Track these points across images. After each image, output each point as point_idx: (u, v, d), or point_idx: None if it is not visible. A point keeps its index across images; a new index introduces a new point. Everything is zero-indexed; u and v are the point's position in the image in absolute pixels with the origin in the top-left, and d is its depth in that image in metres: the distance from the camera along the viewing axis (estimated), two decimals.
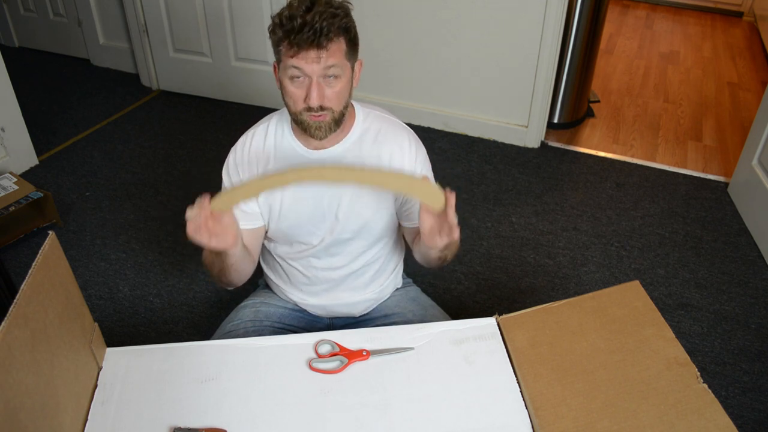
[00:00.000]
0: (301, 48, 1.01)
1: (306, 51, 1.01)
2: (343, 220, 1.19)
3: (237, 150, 1.20)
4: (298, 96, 1.06)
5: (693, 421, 0.87)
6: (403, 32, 2.75)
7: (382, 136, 1.18)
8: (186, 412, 0.92)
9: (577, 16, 2.68)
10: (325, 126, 1.08)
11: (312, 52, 1.01)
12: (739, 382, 1.70)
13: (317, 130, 1.08)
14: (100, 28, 3.41)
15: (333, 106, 1.07)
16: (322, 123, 1.08)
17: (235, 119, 2.99)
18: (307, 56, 1.01)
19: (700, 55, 3.83)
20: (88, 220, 2.31)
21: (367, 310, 1.35)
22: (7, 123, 2.51)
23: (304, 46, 1.00)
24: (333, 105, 1.07)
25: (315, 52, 1.01)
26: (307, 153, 1.16)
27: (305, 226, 1.20)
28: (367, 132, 1.18)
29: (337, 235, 1.21)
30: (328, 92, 1.05)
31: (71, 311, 0.92)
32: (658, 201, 2.45)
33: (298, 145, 1.17)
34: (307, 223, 1.20)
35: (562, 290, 2.00)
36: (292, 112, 1.09)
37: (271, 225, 1.22)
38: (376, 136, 1.18)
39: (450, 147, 2.79)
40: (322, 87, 1.04)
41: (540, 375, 0.97)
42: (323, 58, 1.02)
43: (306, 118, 1.07)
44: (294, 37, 1.00)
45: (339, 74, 1.05)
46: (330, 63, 1.03)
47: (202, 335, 1.81)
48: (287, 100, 1.09)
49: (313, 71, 1.03)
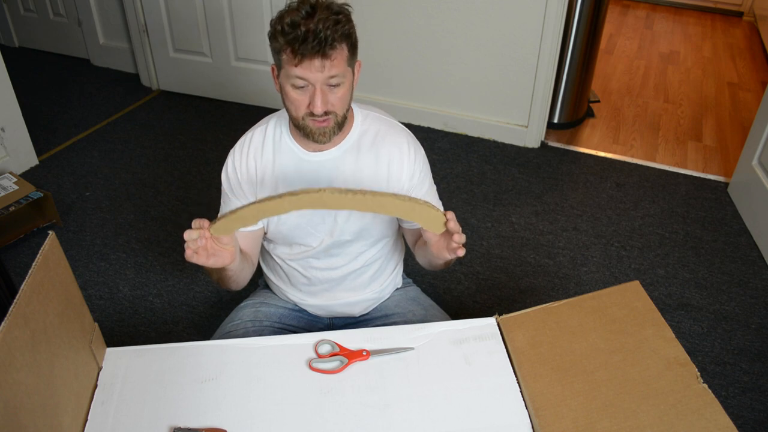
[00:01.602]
0: (305, 57, 1.00)
1: (310, 60, 1.00)
2: (343, 222, 1.19)
3: (235, 153, 1.20)
4: (301, 102, 1.05)
5: (693, 421, 0.87)
6: (403, 32, 2.75)
7: (381, 138, 1.18)
8: (186, 412, 0.92)
9: (577, 16, 2.68)
10: (329, 131, 1.08)
11: (316, 61, 1.00)
12: (739, 382, 1.70)
13: (321, 135, 1.08)
14: (100, 28, 3.41)
15: (336, 110, 1.07)
16: (326, 128, 1.08)
17: (235, 119, 2.99)
18: (311, 66, 1.00)
19: (700, 55, 3.83)
20: (88, 220, 2.31)
21: (367, 310, 1.35)
22: (7, 123, 2.51)
23: (308, 56, 0.99)
24: (336, 109, 1.07)
25: (319, 61, 1.00)
26: (306, 156, 1.16)
27: (305, 229, 1.20)
28: (366, 134, 1.18)
29: (337, 237, 1.21)
30: (332, 98, 1.05)
31: (71, 311, 0.92)
32: (658, 201, 2.45)
33: (297, 148, 1.16)
34: (307, 225, 1.20)
35: (562, 290, 2.00)
36: (294, 117, 1.09)
37: (270, 227, 1.22)
38: (374, 137, 1.18)
39: (450, 147, 2.79)
40: (326, 94, 1.04)
41: (540, 375, 0.97)
42: (327, 67, 1.01)
43: (309, 124, 1.07)
44: (298, 46, 0.99)
45: (341, 81, 1.05)
46: (334, 72, 1.02)
47: (202, 335, 1.81)
48: (289, 105, 1.08)
49: (317, 80, 1.02)
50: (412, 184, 1.20)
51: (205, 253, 0.99)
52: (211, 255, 1.00)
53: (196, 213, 2.29)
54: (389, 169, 1.18)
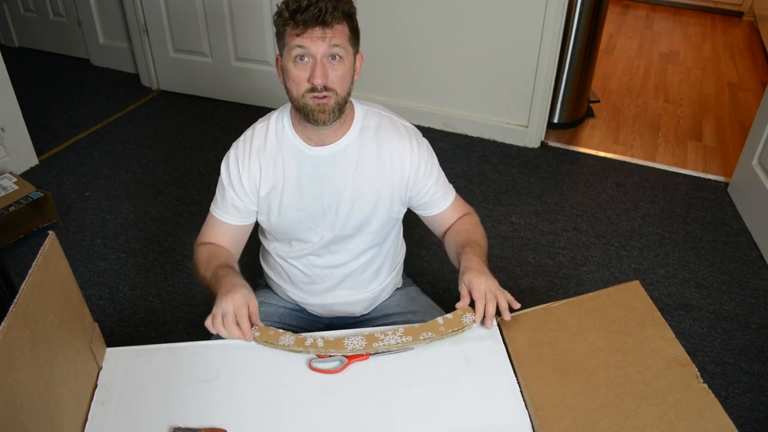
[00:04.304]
0: (306, 26, 1.02)
1: (311, 29, 1.02)
2: (344, 216, 1.19)
3: (239, 145, 1.20)
4: (302, 78, 1.06)
5: (693, 421, 0.87)
6: (403, 32, 2.75)
7: (382, 132, 1.18)
8: (186, 412, 0.92)
9: (577, 16, 2.68)
10: (328, 109, 1.07)
11: (317, 29, 1.02)
12: (739, 382, 1.70)
13: (321, 113, 1.07)
14: (100, 28, 3.41)
15: (336, 88, 1.07)
16: (326, 106, 1.07)
17: (235, 119, 2.99)
18: (312, 34, 1.02)
19: (700, 55, 3.83)
20: (88, 220, 2.31)
21: (368, 310, 1.36)
22: (7, 123, 2.51)
23: (309, 24, 1.02)
24: (336, 87, 1.07)
25: (320, 30, 1.02)
26: (308, 150, 1.16)
27: (305, 223, 1.20)
28: (367, 128, 1.18)
29: (338, 231, 1.21)
30: (332, 75, 1.06)
31: (71, 311, 0.92)
32: (658, 201, 2.45)
33: (299, 142, 1.16)
34: (308, 220, 1.20)
35: (562, 290, 2.00)
36: (295, 98, 1.09)
37: (271, 221, 1.22)
38: (375, 132, 1.18)
39: (450, 147, 2.79)
40: (326, 68, 1.05)
41: (540, 375, 0.97)
42: (328, 37, 1.03)
43: (309, 102, 1.07)
44: (300, 15, 1.01)
45: (342, 56, 1.06)
46: (334, 42, 1.04)
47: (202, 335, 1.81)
48: (290, 86, 1.08)
49: (318, 50, 1.03)
50: (419, 176, 1.21)
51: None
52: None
53: (197, 213, 2.29)
54: (392, 163, 1.18)
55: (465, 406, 0.94)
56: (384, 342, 1.02)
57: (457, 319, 1.06)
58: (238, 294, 1.04)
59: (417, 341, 1.03)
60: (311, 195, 1.18)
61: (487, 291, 1.08)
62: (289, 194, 1.18)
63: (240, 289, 1.05)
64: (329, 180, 1.17)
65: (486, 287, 1.08)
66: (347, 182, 1.17)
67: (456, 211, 1.30)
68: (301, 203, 1.18)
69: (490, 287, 1.08)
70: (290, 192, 1.18)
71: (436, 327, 1.05)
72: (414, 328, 1.05)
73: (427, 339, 1.03)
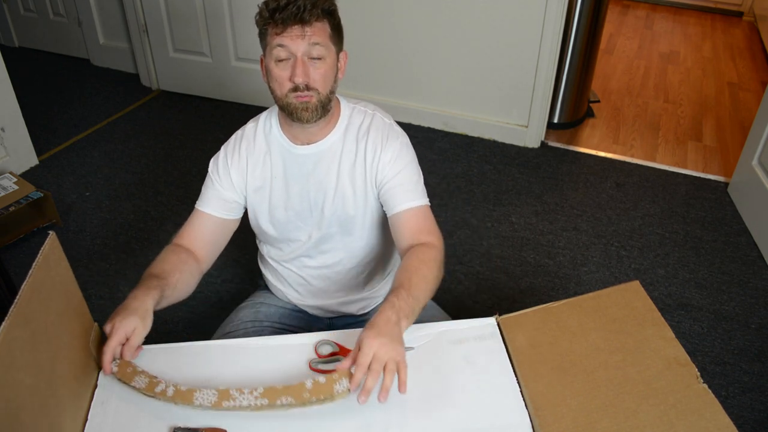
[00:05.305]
0: (285, 25, 1.02)
1: (291, 27, 1.03)
2: (329, 214, 1.20)
3: (229, 145, 1.22)
4: (284, 77, 1.06)
5: (693, 421, 0.87)
6: (403, 32, 2.75)
7: (365, 129, 1.18)
8: (186, 412, 0.92)
9: (577, 16, 2.68)
10: (311, 107, 1.08)
11: (296, 28, 1.03)
12: (739, 382, 1.70)
13: (304, 111, 1.08)
14: (100, 28, 3.41)
15: (318, 87, 1.07)
16: (309, 104, 1.07)
17: (235, 119, 2.99)
18: (292, 32, 1.03)
19: (700, 55, 3.83)
20: (88, 220, 2.31)
21: (366, 309, 1.36)
22: (7, 123, 2.51)
23: (288, 23, 1.02)
24: (318, 86, 1.07)
25: (299, 28, 1.03)
26: (294, 149, 1.17)
27: (294, 222, 1.21)
28: (352, 126, 1.19)
29: (325, 230, 1.21)
30: (313, 73, 1.06)
31: (71, 311, 0.92)
32: (658, 201, 2.45)
33: (285, 141, 1.18)
34: (296, 218, 1.21)
35: (562, 290, 2.00)
36: (279, 98, 1.09)
37: (261, 222, 1.23)
38: (358, 130, 1.19)
39: (450, 147, 2.79)
40: (307, 65, 1.05)
41: (540, 375, 0.97)
42: (308, 35, 1.03)
43: (292, 101, 1.07)
44: (278, 14, 1.02)
45: (323, 55, 1.06)
46: (314, 40, 1.04)
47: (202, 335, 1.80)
48: (273, 85, 1.09)
49: (298, 48, 1.04)
50: (383, 162, 1.16)
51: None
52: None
53: None
54: (366, 157, 1.17)
55: (465, 406, 0.94)
56: (236, 402, 0.90)
57: (328, 386, 0.89)
58: (125, 320, 0.94)
59: (272, 406, 0.89)
60: (298, 194, 1.19)
61: (376, 360, 0.87)
62: (277, 193, 1.19)
63: (129, 315, 0.95)
64: (315, 178, 1.18)
65: (377, 353, 0.87)
66: (331, 180, 1.18)
67: (417, 223, 1.14)
68: (289, 202, 1.19)
69: (382, 355, 0.87)
70: (278, 191, 1.19)
71: (300, 392, 0.90)
72: (275, 390, 0.90)
73: (285, 405, 0.89)
